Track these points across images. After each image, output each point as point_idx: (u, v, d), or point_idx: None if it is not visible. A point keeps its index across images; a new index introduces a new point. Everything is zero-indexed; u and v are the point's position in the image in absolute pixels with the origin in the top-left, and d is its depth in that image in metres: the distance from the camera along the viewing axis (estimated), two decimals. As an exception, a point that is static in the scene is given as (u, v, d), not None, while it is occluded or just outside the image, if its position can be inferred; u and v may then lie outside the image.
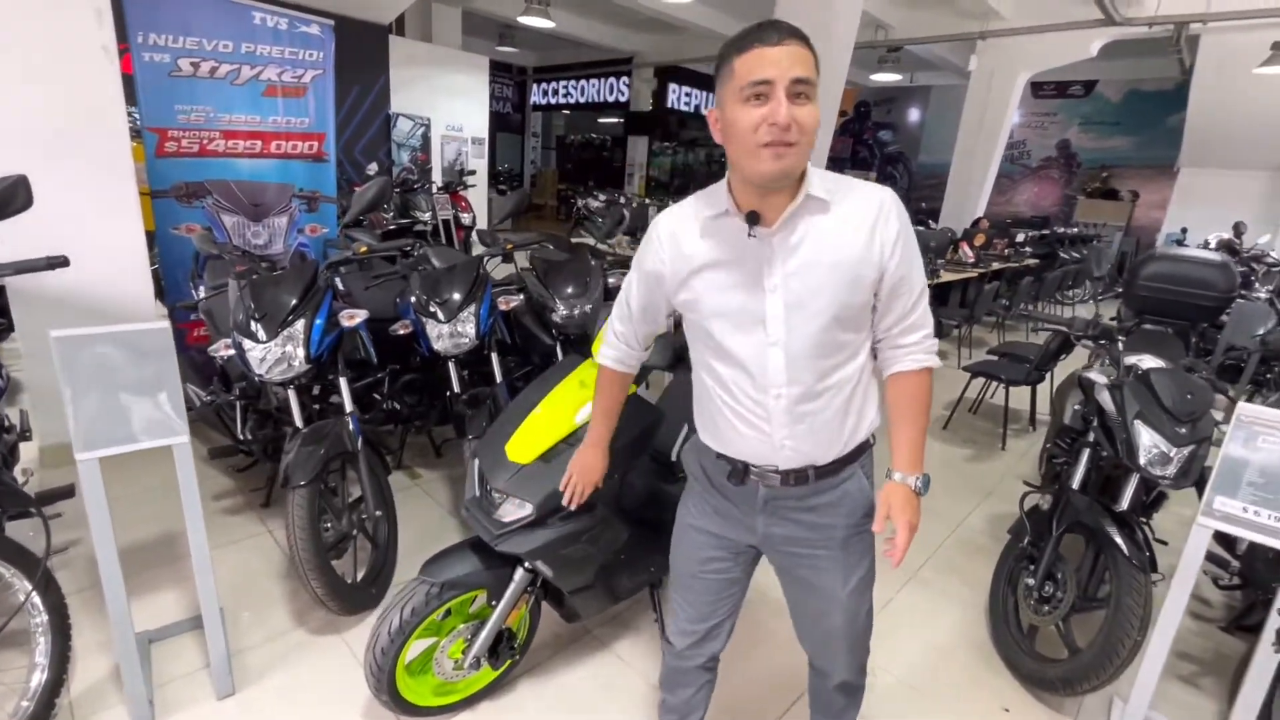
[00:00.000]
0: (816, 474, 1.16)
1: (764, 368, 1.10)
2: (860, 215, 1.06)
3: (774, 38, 0.95)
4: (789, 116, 0.94)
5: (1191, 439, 1.83)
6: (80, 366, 1.48)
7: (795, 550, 1.24)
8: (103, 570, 1.57)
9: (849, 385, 1.13)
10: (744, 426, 1.15)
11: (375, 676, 1.56)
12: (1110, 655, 1.75)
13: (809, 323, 1.07)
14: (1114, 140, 12.99)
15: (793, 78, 0.94)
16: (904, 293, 1.11)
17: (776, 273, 1.06)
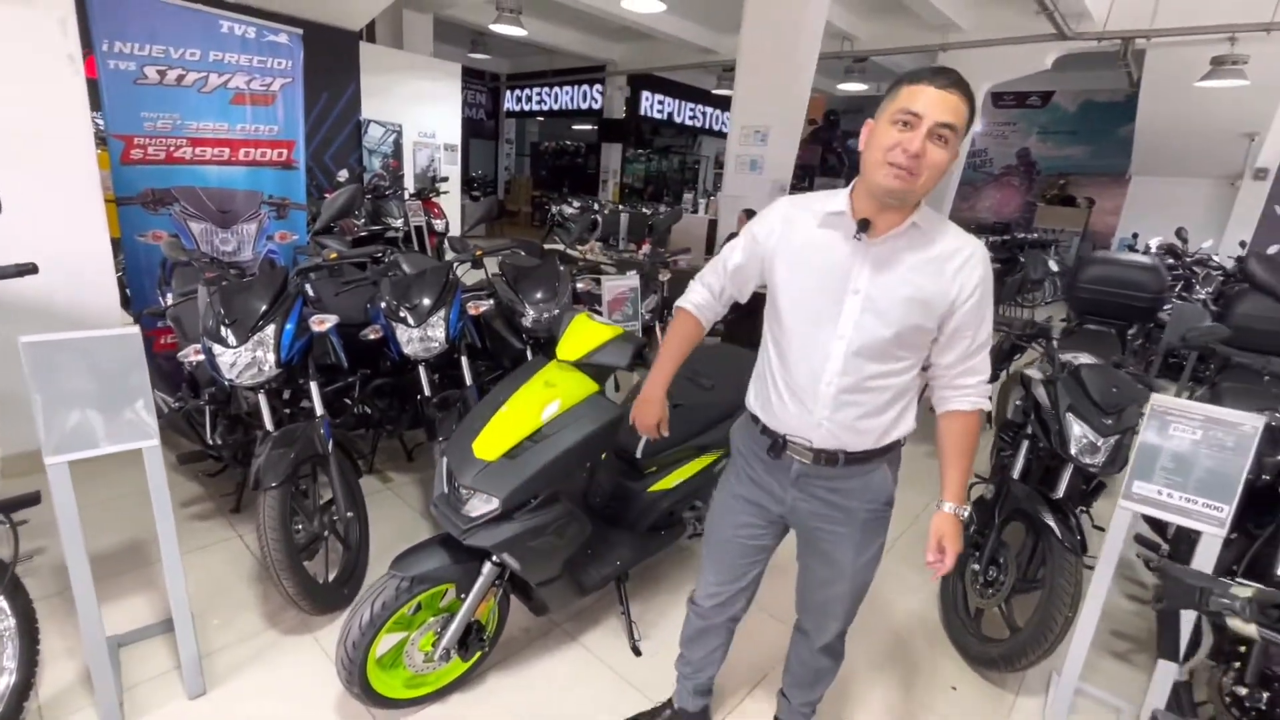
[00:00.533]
0: (846, 459, 1.31)
1: (825, 356, 1.25)
2: (951, 255, 1.20)
3: (941, 82, 1.10)
4: (922, 148, 1.09)
5: (1116, 429, 1.97)
6: (50, 372, 1.51)
7: (818, 525, 1.39)
8: (72, 571, 1.59)
9: (891, 392, 1.27)
10: (792, 402, 1.30)
11: (347, 669, 1.61)
12: (1045, 632, 1.87)
13: (876, 330, 1.21)
14: (1071, 149, 13.49)
15: (938, 120, 1.09)
16: (968, 335, 1.24)
17: (864, 278, 1.21)
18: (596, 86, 13.76)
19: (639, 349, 1.73)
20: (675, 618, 2.25)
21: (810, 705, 1.69)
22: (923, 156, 1.10)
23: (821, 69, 8.83)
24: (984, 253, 1.23)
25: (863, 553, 1.40)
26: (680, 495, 2.22)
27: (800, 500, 1.37)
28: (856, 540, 1.38)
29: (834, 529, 1.38)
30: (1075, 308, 3.23)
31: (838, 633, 1.52)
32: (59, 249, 2.68)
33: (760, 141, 6.78)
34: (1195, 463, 1.63)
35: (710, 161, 16.86)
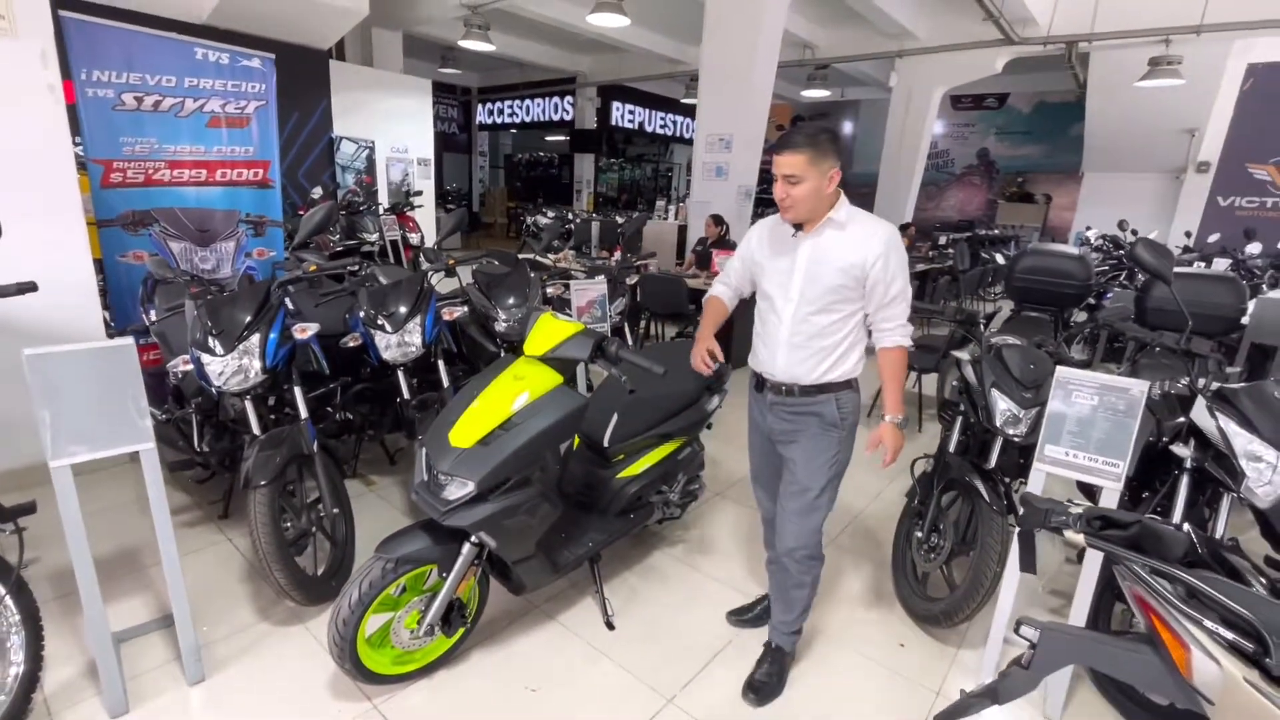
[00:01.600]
0: (800, 390, 1.85)
1: (782, 312, 1.82)
2: (860, 236, 1.74)
3: (779, 149, 1.70)
4: (784, 192, 1.72)
5: (1035, 401, 2.18)
6: (52, 382, 1.63)
7: (783, 439, 1.92)
8: (77, 566, 1.71)
9: (831, 339, 1.79)
10: (763, 349, 1.90)
11: (338, 646, 1.74)
12: (977, 587, 2.07)
13: (813, 290, 1.77)
14: (1026, 148, 14.01)
15: (784, 174, 1.70)
16: (880, 289, 1.75)
17: (803, 257, 1.78)
18: (567, 98, 13.98)
19: (598, 342, 1.90)
20: (646, 596, 2.42)
21: (788, 625, 2.00)
22: (787, 196, 1.71)
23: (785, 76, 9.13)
24: (887, 231, 1.75)
25: (813, 460, 1.87)
26: (647, 480, 2.39)
27: (774, 421, 1.92)
28: (807, 448, 1.88)
29: (792, 441, 1.90)
30: (1014, 296, 3.47)
31: (803, 535, 1.89)
32: (43, 271, 2.76)
33: (725, 148, 7.01)
34: (1095, 425, 1.84)
35: (682, 169, 17.16)
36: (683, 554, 2.72)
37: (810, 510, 1.88)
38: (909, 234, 8.52)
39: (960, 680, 2.11)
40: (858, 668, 2.15)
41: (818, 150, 1.65)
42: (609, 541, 2.29)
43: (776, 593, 2.02)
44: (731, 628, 2.28)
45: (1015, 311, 3.48)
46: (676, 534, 2.84)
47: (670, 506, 2.54)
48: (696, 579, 2.55)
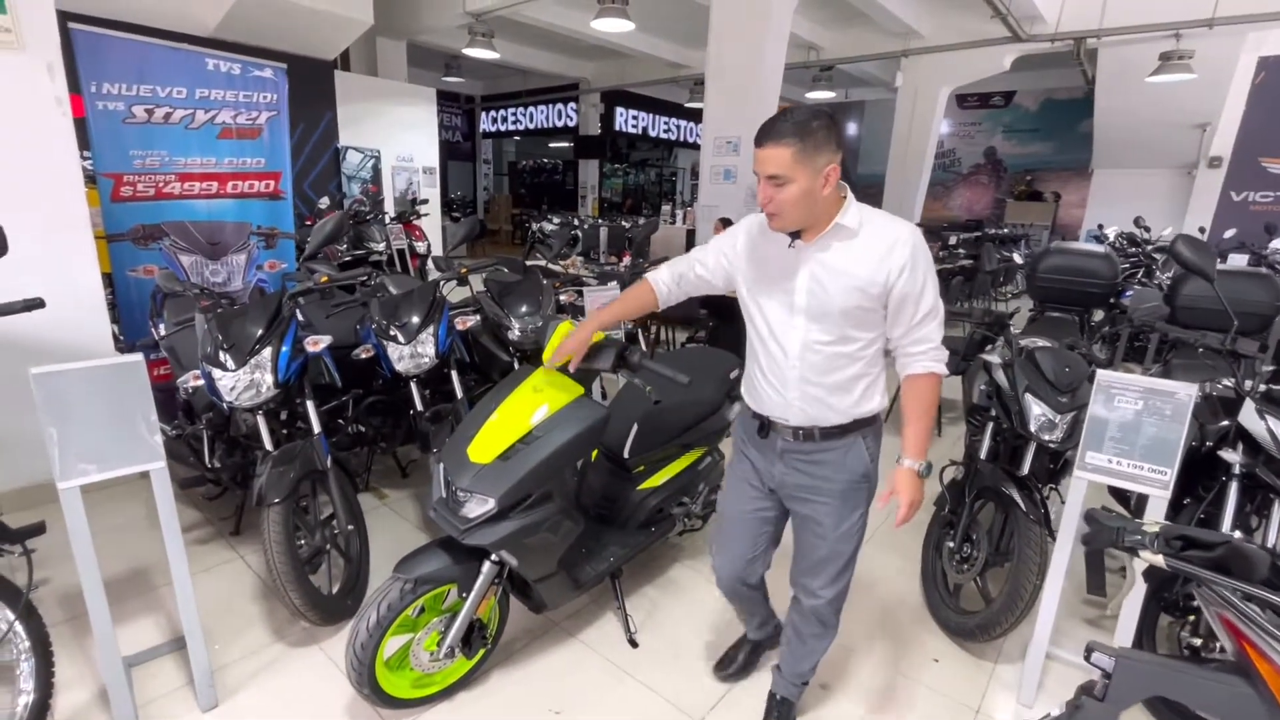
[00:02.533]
0: (821, 434, 1.51)
1: (786, 344, 1.47)
2: (878, 243, 1.39)
3: (761, 139, 1.33)
4: (767, 197, 1.35)
5: (1072, 406, 2.10)
6: (60, 401, 1.58)
7: (802, 495, 1.58)
8: (87, 591, 1.66)
9: (852, 370, 1.46)
10: (768, 387, 1.53)
11: (356, 671, 1.68)
12: (1015, 601, 1.99)
13: (822, 316, 1.42)
14: (1035, 146, 13.90)
15: (767, 175, 1.33)
16: (909, 306, 1.41)
17: (805, 275, 1.43)
18: (571, 104, 13.98)
19: (620, 352, 1.84)
20: (669, 611, 2.35)
21: (801, 677, 1.81)
22: (771, 201, 1.35)
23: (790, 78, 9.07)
24: (911, 234, 1.39)
25: (843, 522, 1.57)
26: (668, 492, 2.32)
27: (786, 474, 1.58)
28: (836, 508, 1.56)
29: (815, 499, 1.56)
30: (1036, 296, 3.39)
31: (827, 599, 1.65)
32: (51, 286, 2.73)
33: (733, 151, 6.96)
34: (1139, 431, 1.76)
35: (687, 173, 17.14)
36: (704, 567, 2.64)
37: (844, 570, 1.63)
38: (919, 235, 8.43)
39: (1000, 698, 2.02)
40: (892, 684, 2.07)
41: (808, 142, 1.28)
42: (630, 556, 2.23)
43: (793, 645, 1.76)
44: (758, 644, 2.21)
45: (1038, 312, 3.40)
46: (698, 545, 2.77)
47: (692, 518, 2.47)
48: (719, 593, 2.48)
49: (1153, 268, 5.83)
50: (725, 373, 2.48)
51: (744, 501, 1.69)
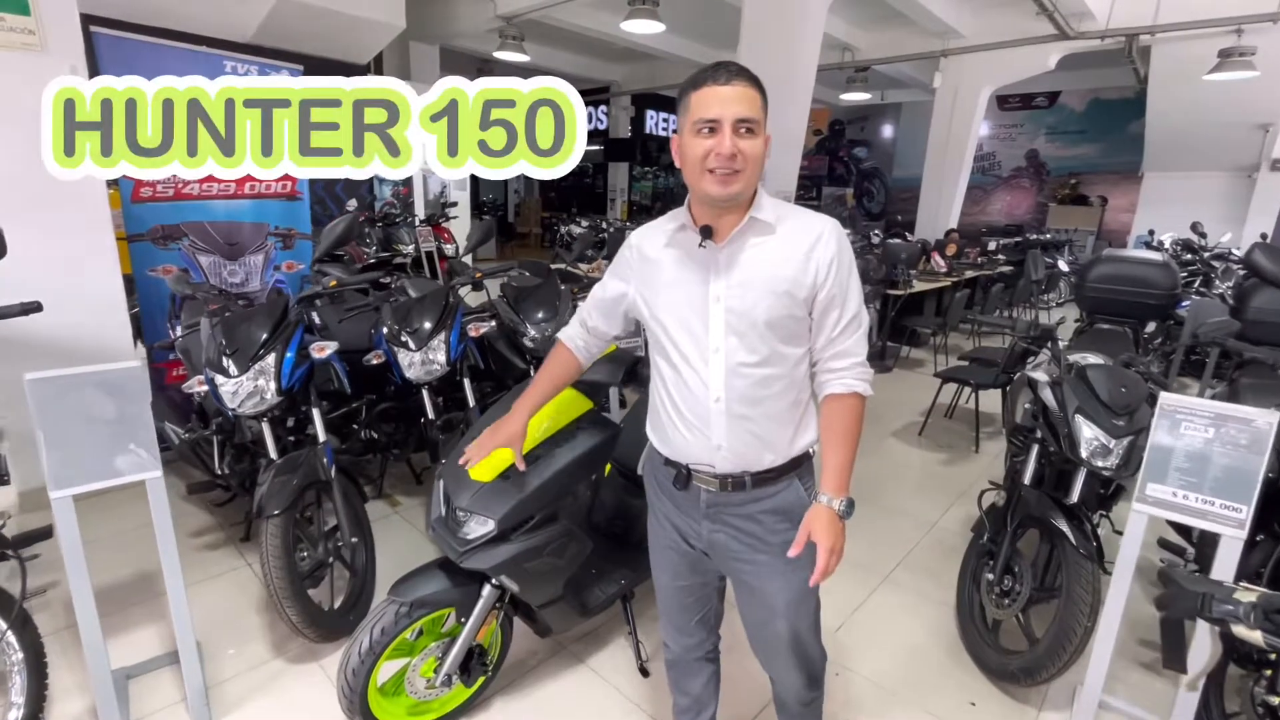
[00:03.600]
0: (753, 480, 1.23)
1: (705, 372, 1.19)
2: (800, 238, 1.17)
3: (723, 78, 1.09)
4: (733, 148, 1.08)
5: (1129, 430, 1.91)
6: (54, 407, 1.54)
7: (737, 557, 1.29)
8: (77, 606, 1.61)
9: (786, 396, 1.21)
10: (685, 429, 1.24)
11: (348, 698, 1.60)
12: (1063, 643, 1.81)
13: (748, 331, 1.16)
14: (1080, 148, 13.36)
15: (737, 117, 1.08)
16: (834, 312, 1.19)
17: (721, 282, 1.17)
18: (601, 107, 13.96)
19: (631, 365, 1.72)
20: (683, 637, 2.22)
21: None
22: (737, 154, 1.09)
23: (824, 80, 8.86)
24: (834, 226, 1.20)
25: (791, 583, 1.28)
26: (684, 511, 2.19)
27: (715, 532, 1.29)
28: (781, 570, 1.27)
29: (754, 558, 1.28)
30: (1085, 307, 3.17)
31: (802, 680, 1.38)
32: (72, 286, 2.75)
33: (763, 154, 6.79)
34: (1210, 462, 1.57)
35: (716, 176, 16.94)
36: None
37: (809, 646, 1.37)
38: (954, 239, 8.14)
39: (1044, 749, 1.84)
40: (924, 730, 1.91)
41: (764, 95, 1.13)
42: (643, 578, 2.10)
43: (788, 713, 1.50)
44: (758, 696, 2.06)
45: (1087, 323, 3.17)
46: (716, 566, 2.64)
47: (709, 538, 2.33)
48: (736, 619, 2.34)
49: (1211, 277, 5.48)
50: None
51: (673, 574, 1.42)
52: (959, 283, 6.66)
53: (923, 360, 6.08)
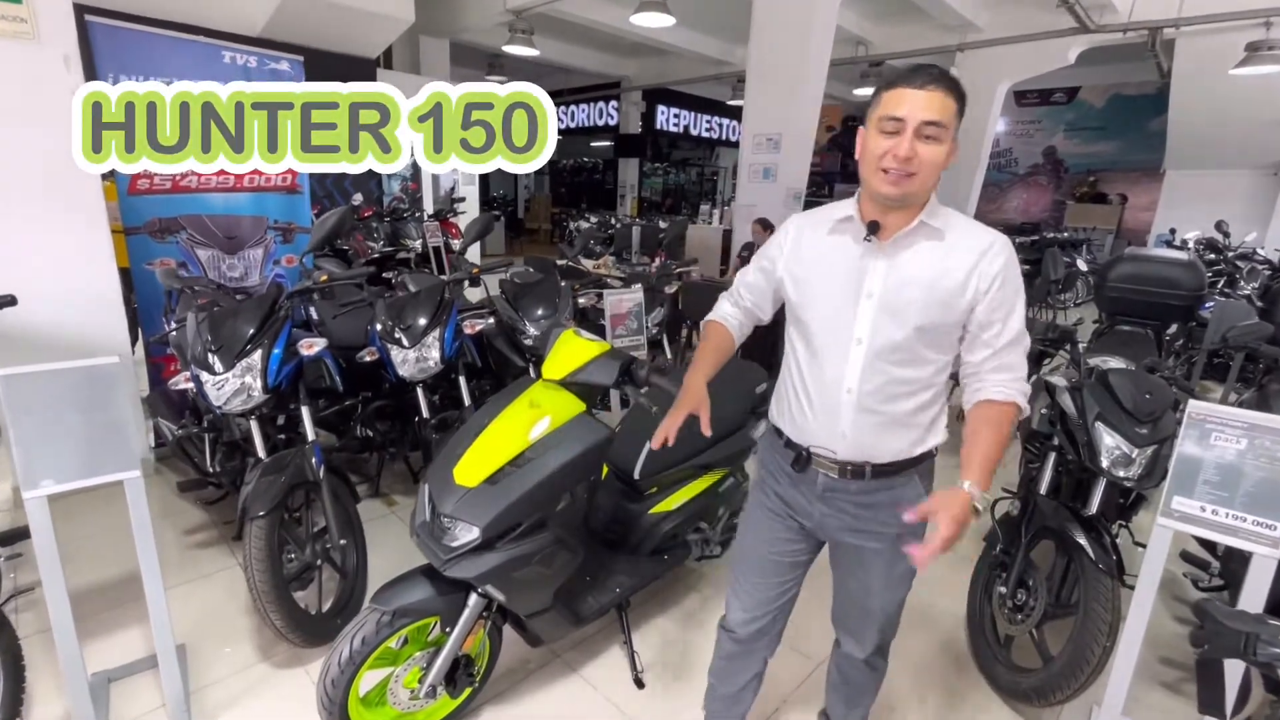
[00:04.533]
0: (873, 471, 1.26)
1: (844, 362, 1.22)
2: (968, 249, 1.17)
3: (919, 81, 1.10)
4: (911, 150, 1.10)
5: (1153, 439, 1.81)
6: (27, 404, 1.48)
7: (848, 540, 1.34)
8: (51, 609, 1.56)
9: (920, 398, 1.22)
10: (813, 413, 1.27)
11: (327, 709, 1.54)
12: (1080, 663, 1.71)
13: (895, 331, 1.18)
14: (1099, 145, 13.09)
15: (924, 120, 1.09)
16: (996, 325, 1.18)
17: (878, 280, 1.19)
18: (612, 103, 13.86)
19: (626, 365, 1.64)
20: (680, 647, 2.15)
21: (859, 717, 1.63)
22: (914, 158, 1.10)
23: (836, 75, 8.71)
24: (1005, 244, 1.18)
25: (894, 570, 1.34)
26: (683, 517, 2.12)
27: (828, 516, 1.33)
28: (887, 557, 1.32)
29: (864, 544, 1.33)
30: (1106, 308, 3.05)
31: (876, 646, 1.47)
32: (66, 280, 2.71)
33: (774, 149, 6.69)
34: (1242, 475, 1.47)
35: (728, 172, 16.82)
36: (724, 598, 2.42)
37: (893, 620, 1.44)
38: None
39: (1058, 774, 1.75)
40: (930, 750, 1.82)
41: (962, 103, 1.11)
42: (639, 586, 2.03)
43: (841, 692, 1.60)
44: (780, 689, 1.98)
45: (1107, 325, 3.05)
46: (718, 574, 2.56)
47: (710, 545, 2.26)
48: (738, 628, 2.26)
49: (1236, 277, 5.31)
50: (751, 387, 2.27)
51: (771, 542, 1.42)
52: (973, 282, 6.50)
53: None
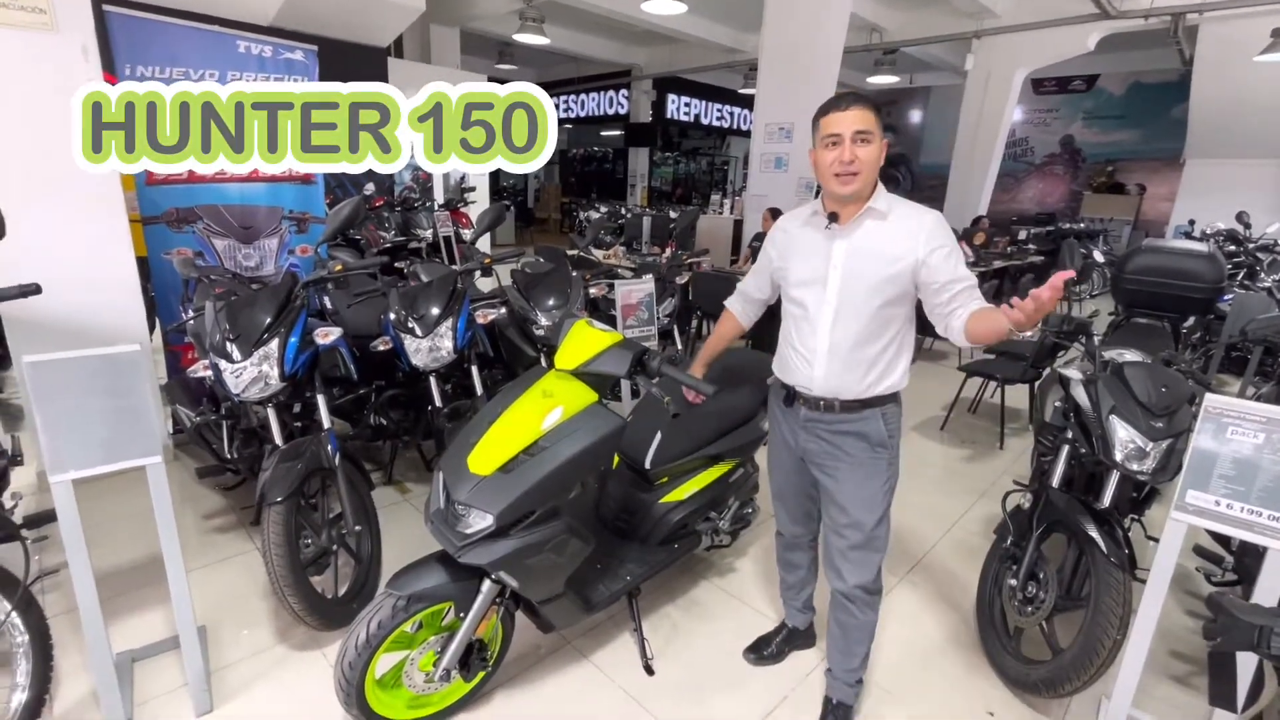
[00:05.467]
0: (841, 406, 1.60)
1: (818, 318, 1.58)
2: (907, 224, 1.51)
3: (844, 105, 1.47)
4: (852, 155, 1.46)
5: (1168, 432, 1.80)
6: (53, 390, 1.52)
7: (821, 462, 1.68)
8: (78, 590, 1.60)
9: (876, 345, 1.56)
10: (796, 359, 1.64)
11: (344, 691, 1.57)
12: (1090, 655, 1.72)
13: (856, 293, 1.53)
14: (1118, 134, 12.85)
15: (855, 130, 1.45)
16: (947, 279, 1.48)
17: (840, 253, 1.55)
18: (622, 91, 13.77)
19: (639, 355, 1.65)
20: (691, 636, 2.17)
21: (853, 674, 1.80)
22: (855, 159, 1.46)
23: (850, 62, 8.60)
24: (937, 218, 1.53)
25: (861, 489, 1.64)
26: (693, 507, 2.13)
27: (808, 441, 1.68)
28: (854, 479, 1.64)
29: (835, 465, 1.66)
30: (1122, 300, 3.01)
31: (860, 580, 1.69)
32: (84, 269, 2.76)
33: (785, 138, 6.63)
34: (1259, 469, 1.46)
35: (739, 162, 16.69)
36: (732, 586, 2.44)
37: (868, 547, 1.68)
38: (982, 228, 7.90)
39: (1066, 765, 1.76)
40: (938, 739, 1.83)
41: (878, 115, 1.49)
42: (649, 574, 2.05)
43: (836, 638, 1.79)
44: (788, 680, 2.00)
45: (1123, 317, 3.02)
46: (726, 562, 2.58)
47: (720, 534, 2.27)
48: (747, 616, 2.28)
49: (1256, 269, 5.22)
50: (762, 379, 2.26)
51: (784, 472, 1.83)
52: (986, 274, 6.46)
53: (946, 353, 5.92)
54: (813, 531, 1.93)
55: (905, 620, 2.31)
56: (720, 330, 1.97)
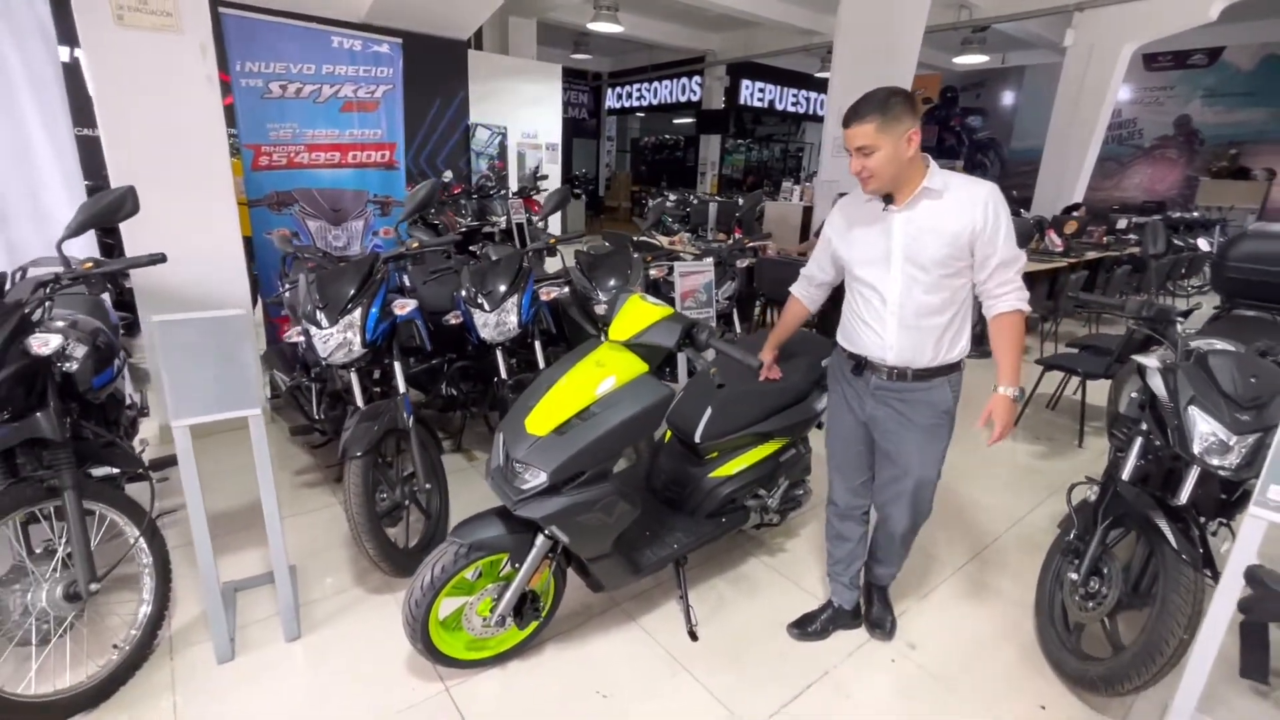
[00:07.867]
0: (913, 375, 1.71)
1: (886, 293, 1.68)
2: (963, 200, 1.60)
3: (847, 123, 1.59)
4: (860, 165, 1.59)
5: (1256, 426, 1.68)
6: (174, 346, 1.74)
7: (888, 428, 1.79)
8: (192, 521, 1.83)
9: (944, 316, 1.66)
10: (865, 330, 1.75)
11: (410, 627, 1.73)
12: (1153, 654, 1.65)
13: (918, 267, 1.63)
14: (1245, 113, 11.61)
15: (856, 147, 1.58)
16: (993, 255, 1.60)
17: (899, 233, 1.64)
18: (695, 78, 13.69)
19: (688, 329, 1.71)
20: (737, 608, 2.22)
21: (891, 574, 2.09)
22: (865, 168, 1.58)
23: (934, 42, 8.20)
24: (990, 192, 1.59)
25: (924, 452, 1.78)
26: (742, 483, 2.17)
27: (876, 408, 1.79)
28: (919, 442, 1.77)
29: (900, 432, 1.77)
30: (1224, 290, 2.78)
31: (911, 522, 1.88)
32: (198, 245, 3.08)
33: (860, 123, 6.43)
34: (1352, 466, 1.36)
35: (814, 148, 16.24)
36: (781, 565, 2.47)
37: (926, 493, 1.85)
38: (1078, 216, 7.38)
39: (1121, 764, 1.70)
40: (984, 727, 1.81)
41: (888, 115, 1.54)
42: (696, 545, 2.12)
43: (883, 550, 2.02)
44: (831, 656, 2.02)
45: (1225, 309, 2.79)
46: (776, 541, 2.60)
47: (768, 512, 2.30)
48: (794, 595, 2.31)
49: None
50: (818, 359, 2.27)
51: (845, 442, 1.92)
52: (1077, 264, 6.05)
53: (1027, 346, 5.61)
54: (867, 503, 2.00)
55: (958, 610, 2.27)
56: (787, 316, 2.05)
